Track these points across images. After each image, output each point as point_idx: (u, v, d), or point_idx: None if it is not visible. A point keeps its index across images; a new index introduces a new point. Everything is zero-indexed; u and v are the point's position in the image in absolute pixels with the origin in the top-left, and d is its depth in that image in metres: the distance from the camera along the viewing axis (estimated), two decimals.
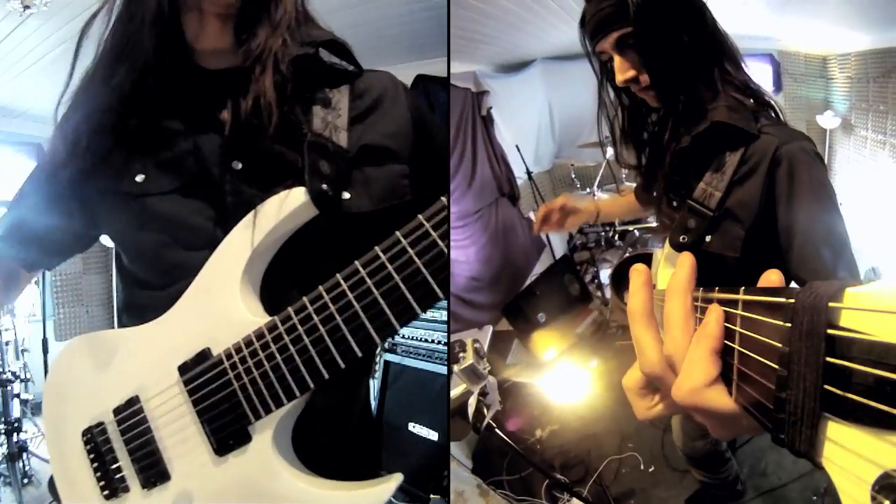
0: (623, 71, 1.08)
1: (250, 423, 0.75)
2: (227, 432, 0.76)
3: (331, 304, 0.70)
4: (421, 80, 2.85)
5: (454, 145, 3.40)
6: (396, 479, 0.74)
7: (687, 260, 0.43)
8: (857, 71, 3.48)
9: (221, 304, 0.79)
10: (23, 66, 2.70)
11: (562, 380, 2.63)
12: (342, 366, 0.70)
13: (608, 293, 3.52)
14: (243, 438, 0.76)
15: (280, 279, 0.82)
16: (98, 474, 0.85)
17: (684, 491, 2.13)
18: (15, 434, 2.82)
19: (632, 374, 0.47)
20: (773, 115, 1.10)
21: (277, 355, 0.73)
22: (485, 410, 1.37)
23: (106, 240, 1.01)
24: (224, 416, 0.76)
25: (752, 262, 1.03)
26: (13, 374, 2.90)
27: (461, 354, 1.41)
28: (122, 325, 0.89)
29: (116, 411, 0.83)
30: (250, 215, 0.79)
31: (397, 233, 0.67)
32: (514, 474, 2.40)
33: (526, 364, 3.02)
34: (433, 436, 2.35)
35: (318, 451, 0.79)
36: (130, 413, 0.82)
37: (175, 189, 0.83)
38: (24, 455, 2.85)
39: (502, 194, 3.87)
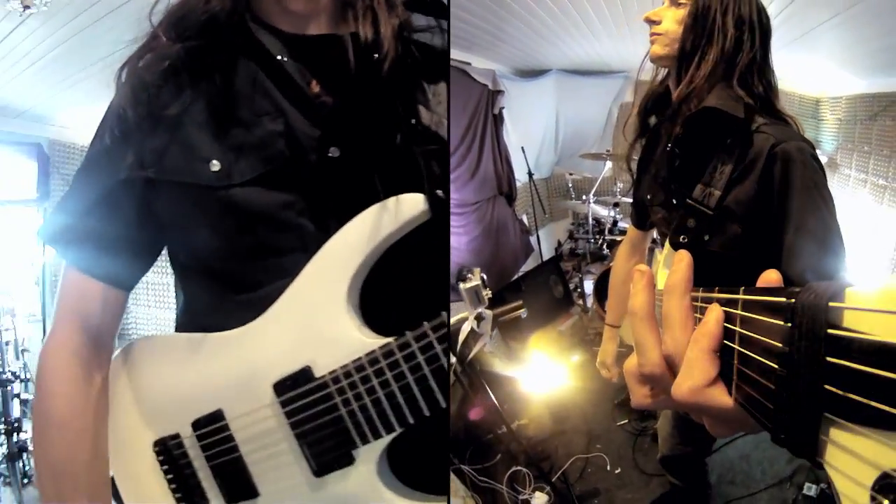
0: (653, 13, 1.14)
1: (356, 447, 0.69)
2: (329, 455, 0.70)
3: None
4: None
5: (464, 136, 3.41)
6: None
7: (684, 258, 0.41)
8: (846, 113, 3.53)
9: (324, 318, 0.69)
10: (23, 66, 2.60)
11: (536, 375, 2.61)
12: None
13: (590, 302, 3.52)
14: (346, 461, 0.70)
15: (377, 287, 0.71)
16: (174, 486, 0.78)
17: (650, 495, 2.11)
18: (15, 434, 2.75)
19: (634, 360, 0.45)
20: (784, 121, 1.08)
21: (393, 383, 0.66)
22: (472, 345, 1.36)
23: None
24: (328, 439, 0.70)
25: (752, 260, 1.01)
26: (13, 374, 2.82)
27: (468, 275, 1.41)
28: (184, 329, 0.77)
29: (196, 425, 0.75)
30: (363, 218, 0.68)
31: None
32: (478, 464, 2.36)
33: (503, 355, 3.02)
34: None
35: (398, 456, 0.72)
36: (214, 429, 0.74)
37: (257, 178, 0.69)
38: (24, 455, 2.77)
39: (500, 192, 3.87)
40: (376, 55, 0.67)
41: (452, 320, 1.37)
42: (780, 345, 0.29)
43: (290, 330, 0.70)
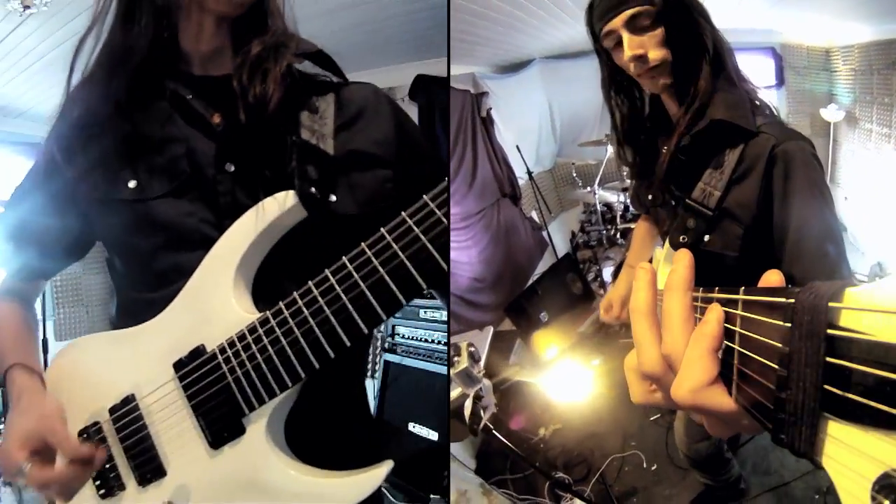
0: (633, 47, 1.06)
1: (244, 414, 0.78)
2: (221, 425, 0.79)
3: (320, 298, 0.74)
4: (421, 80, 2.84)
5: (454, 147, 3.40)
6: (387, 465, 0.76)
7: (685, 257, 0.43)
8: (860, 63, 3.46)
9: (215, 302, 0.82)
10: (23, 66, 2.71)
11: (564, 379, 2.63)
12: (332, 355, 0.74)
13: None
14: (237, 430, 0.79)
15: (273, 279, 0.85)
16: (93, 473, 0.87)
17: (687, 489, 2.13)
18: None
19: (634, 356, 0.46)
20: (769, 111, 1.10)
21: (269, 348, 0.76)
22: (481, 413, 1.38)
23: None
24: (219, 408, 0.79)
25: (751, 261, 1.03)
26: None
27: (456, 358, 1.43)
28: (118, 328, 0.91)
29: (112, 410, 0.85)
30: (244, 217, 0.82)
31: (382, 230, 0.72)
32: (518, 473, 2.41)
33: (529, 364, 3.02)
34: (433, 436, 2.34)
35: (315, 451, 0.81)
36: (126, 411, 0.85)
37: (167, 192, 0.85)
38: None
39: (504, 195, 3.87)
40: (264, 94, 0.84)
41: (452, 396, 1.40)
42: (780, 345, 0.30)
43: (189, 315, 0.83)
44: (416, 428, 2.40)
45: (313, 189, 0.83)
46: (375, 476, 0.75)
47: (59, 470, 0.80)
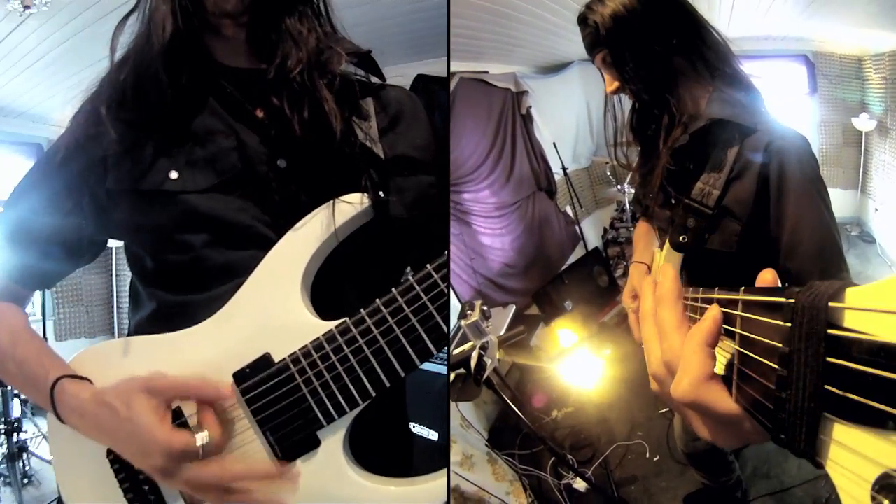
0: (609, 83, 1.14)
1: (321, 427, 0.71)
2: (294, 439, 0.71)
3: (405, 306, 0.68)
4: (421, 80, 2.79)
5: (493, 141, 3.40)
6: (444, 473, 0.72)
7: (669, 271, 0.43)
8: (891, 71, 3.29)
9: (280, 306, 0.72)
10: (23, 66, 2.63)
11: (580, 366, 2.61)
12: (418, 364, 0.69)
13: None
14: (311, 444, 0.71)
15: (325, 283, 0.78)
16: (129, 496, 0.75)
17: (685, 484, 2.09)
18: (15, 434, 2.71)
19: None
20: (763, 106, 1.06)
21: (351, 357, 0.69)
22: (486, 364, 1.42)
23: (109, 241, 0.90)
24: (291, 422, 0.71)
25: (752, 258, 1.00)
26: None
27: (469, 312, 1.48)
28: (145, 333, 0.78)
29: None
30: (313, 216, 0.75)
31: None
32: (525, 450, 2.42)
33: (548, 349, 3.01)
34: (433, 436, 2.26)
35: (359, 454, 0.76)
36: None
37: (213, 186, 0.76)
38: (24, 455, 2.75)
39: (540, 188, 3.85)
40: (324, 122, 0.76)
41: (462, 349, 1.41)
42: (780, 345, 0.28)
43: (247, 322, 0.73)
44: (416, 428, 2.31)
45: (381, 192, 0.78)
46: (444, 483, 0.70)
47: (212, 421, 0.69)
